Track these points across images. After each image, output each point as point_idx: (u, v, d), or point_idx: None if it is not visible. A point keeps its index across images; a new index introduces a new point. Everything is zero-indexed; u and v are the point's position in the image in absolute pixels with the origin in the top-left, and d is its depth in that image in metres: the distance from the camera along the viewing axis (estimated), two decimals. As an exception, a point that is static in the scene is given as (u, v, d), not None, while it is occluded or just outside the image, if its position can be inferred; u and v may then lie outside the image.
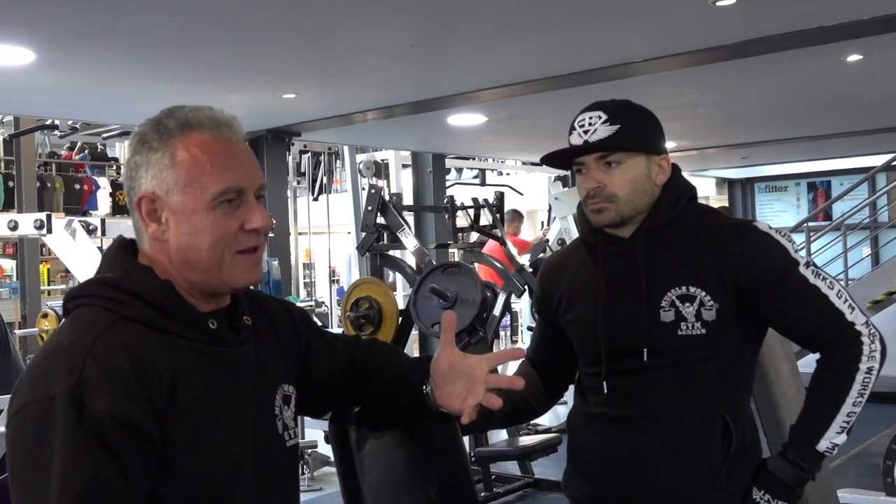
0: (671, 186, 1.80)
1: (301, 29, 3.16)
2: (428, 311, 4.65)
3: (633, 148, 1.75)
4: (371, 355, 1.54)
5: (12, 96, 4.09)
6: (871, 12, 3.10)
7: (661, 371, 1.75)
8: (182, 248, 1.24)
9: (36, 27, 2.99)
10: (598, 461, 1.85)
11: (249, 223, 1.24)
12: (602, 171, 1.76)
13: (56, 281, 11.99)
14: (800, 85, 4.52)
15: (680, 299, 1.72)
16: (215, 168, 1.22)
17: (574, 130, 1.80)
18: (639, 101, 1.83)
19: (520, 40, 3.44)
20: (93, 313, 1.21)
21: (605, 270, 1.81)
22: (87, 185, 12.39)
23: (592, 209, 1.78)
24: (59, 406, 1.10)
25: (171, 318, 1.22)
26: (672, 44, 3.53)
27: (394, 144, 6.79)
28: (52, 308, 5.68)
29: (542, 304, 2.00)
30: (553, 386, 2.05)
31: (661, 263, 1.76)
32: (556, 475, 5.66)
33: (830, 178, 10.36)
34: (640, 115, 1.81)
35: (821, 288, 1.70)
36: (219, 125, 1.25)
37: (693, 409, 1.74)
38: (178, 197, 1.23)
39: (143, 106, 4.44)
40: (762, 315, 1.74)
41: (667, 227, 1.78)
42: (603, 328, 1.79)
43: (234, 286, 1.27)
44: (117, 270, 1.27)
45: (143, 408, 1.14)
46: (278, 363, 1.38)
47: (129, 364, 1.15)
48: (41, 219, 3.51)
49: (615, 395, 1.80)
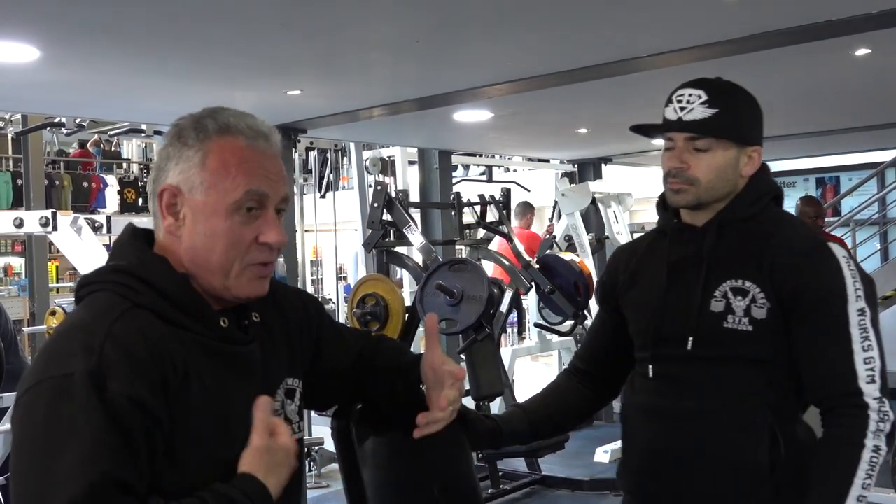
0: (756, 183, 1.77)
1: (306, 25, 3.15)
2: (434, 307, 4.64)
3: (726, 136, 1.71)
4: (377, 351, 1.54)
5: (18, 94, 4.09)
6: (880, 6, 3.07)
7: (705, 363, 1.71)
8: (194, 248, 1.25)
9: (40, 24, 2.99)
10: (644, 454, 1.83)
11: (264, 236, 1.25)
12: (689, 152, 1.72)
13: (65, 279, 12.02)
14: (807, 80, 4.49)
15: (733, 291, 1.69)
16: (241, 174, 1.23)
17: (671, 103, 1.75)
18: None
19: (525, 36, 3.43)
20: (107, 298, 1.22)
21: (671, 256, 1.79)
22: (95, 182, 12.42)
23: (672, 188, 1.75)
24: (80, 384, 1.10)
25: (183, 311, 1.23)
26: (678, 39, 3.51)
27: (400, 141, 6.77)
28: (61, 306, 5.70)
29: (606, 290, 1.96)
30: (600, 389, 2.00)
31: (723, 255, 1.73)
32: (563, 472, 5.65)
33: (839, 173, 10.32)
34: (741, 101, 1.76)
35: (853, 340, 1.60)
36: (256, 135, 1.27)
37: (737, 412, 1.69)
38: (201, 196, 1.24)
39: (148, 103, 4.46)
40: (789, 332, 1.67)
41: (742, 221, 1.75)
42: (655, 312, 1.77)
43: (237, 296, 1.27)
44: (131, 258, 1.26)
45: (156, 393, 1.14)
46: (283, 357, 1.38)
47: (146, 349, 1.15)
48: (46, 216, 3.51)
49: (659, 382, 1.78)
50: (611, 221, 7.33)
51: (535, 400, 1.99)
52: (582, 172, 7.78)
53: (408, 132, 6.06)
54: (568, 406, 1.99)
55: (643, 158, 7.83)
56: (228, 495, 1.15)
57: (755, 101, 1.78)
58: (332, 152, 9.53)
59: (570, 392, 1.99)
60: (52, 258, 10.66)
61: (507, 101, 4.65)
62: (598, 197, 7.19)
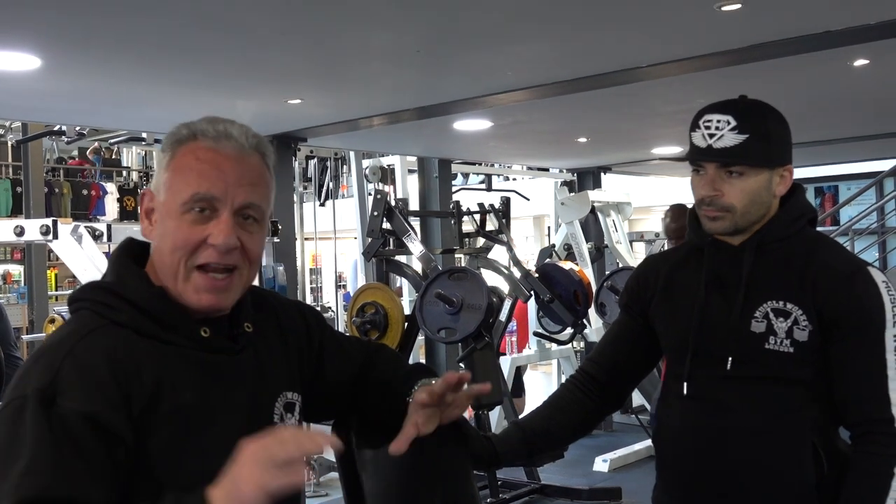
0: (793, 205, 1.75)
1: (306, 34, 3.16)
2: (434, 316, 4.64)
3: (758, 164, 1.69)
4: (375, 362, 1.53)
5: (19, 102, 4.10)
6: (878, 17, 3.08)
7: (744, 383, 1.70)
8: (156, 249, 1.27)
9: (41, 33, 3.00)
10: (683, 476, 1.81)
11: (211, 237, 1.21)
12: (722, 178, 1.70)
13: (64, 286, 12.02)
14: (806, 90, 4.50)
15: (774, 313, 1.68)
16: (193, 174, 1.23)
17: (698, 129, 1.73)
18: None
19: (525, 45, 3.44)
20: (85, 317, 1.23)
21: (708, 273, 1.77)
22: (94, 190, 12.43)
23: (708, 215, 1.73)
24: (30, 402, 1.11)
25: (161, 324, 1.23)
26: (678, 49, 3.52)
27: (400, 150, 6.79)
28: (60, 313, 5.69)
29: (633, 295, 1.94)
30: (609, 397, 1.98)
31: (763, 274, 1.72)
32: (562, 481, 5.64)
33: (838, 182, 10.32)
34: (771, 124, 1.73)
35: (888, 366, 1.61)
36: (220, 136, 1.24)
37: (778, 429, 1.68)
38: (163, 197, 1.25)
39: (149, 111, 4.47)
40: (825, 353, 1.66)
41: (779, 241, 1.73)
42: (694, 329, 1.75)
43: (189, 303, 1.24)
44: (114, 275, 1.28)
45: (117, 410, 1.14)
46: (281, 370, 1.36)
47: (107, 367, 1.15)
48: (47, 224, 3.51)
49: (695, 401, 1.76)
50: (610, 230, 7.33)
51: (533, 416, 1.97)
52: (581, 181, 7.78)
53: (408, 141, 6.07)
54: (568, 421, 1.95)
55: (642, 168, 7.83)
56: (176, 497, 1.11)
57: (783, 119, 1.76)
58: (332, 161, 9.55)
59: (570, 406, 1.95)
60: (52, 266, 10.66)
61: (507, 110, 4.66)
62: (598, 206, 7.20)
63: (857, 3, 2.97)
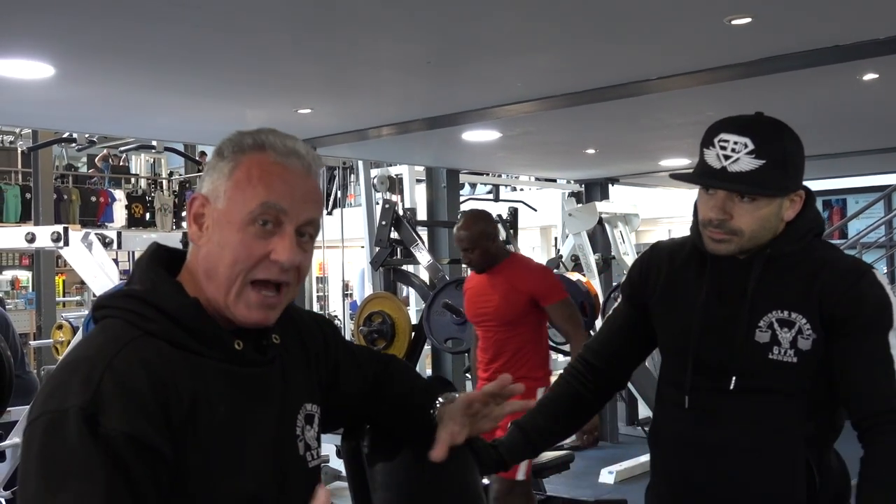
0: (802, 220, 1.73)
1: (317, 44, 3.18)
2: (441, 326, 4.65)
3: (773, 193, 1.66)
4: (389, 372, 1.54)
5: (31, 110, 4.12)
6: (888, 31, 3.09)
7: (747, 395, 1.70)
8: (208, 257, 1.23)
9: (55, 42, 3.03)
10: (676, 485, 1.81)
11: (275, 253, 1.20)
12: (732, 202, 1.65)
13: (71, 292, 12.05)
14: (815, 103, 4.50)
15: (779, 323, 1.67)
16: (261, 185, 1.21)
17: (713, 147, 1.67)
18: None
19: (534, 57, 3.45)
20: (117, 327, 1.20)
21: (711, 281, 1.75)
22: (103, 197, 12.49)
23: (713, 237, 1.69)
24: (72, 421, 1.08)
25: (195, 336, 1.20)
26: (687, 61, 3.53)
27: (408, 159, 6.80)
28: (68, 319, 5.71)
29: (636, 285, 1.91)
30: (607, 385, 1.99)
31: (768, 285, 1.70)
32: (567, 492, 5.63)
33: (846, 196, 10.32)
34: (788, 147, 1.69)
35: (895, 363, 1.62)
36: (289, 153, 1.24)
37: (773, 447, 1.69)
38: (222, 205, 1.22)
39: (160, 120, 4.49)
40: (829, 352, 1.66)
41: (786, 255, 1.72)
42: (696, 339, 1.73)
43: (235, 317, 1.23)
44: (145, 283, 1.24)
45: (159, 427, 1.12)
46: (303, 382, 1.36)
47: (148, 382, 1.12)
48: (58, 231, 3.53)
49: (695, 412, 1.75)
50: (617, 242, 7.33)
51: (533, 416, 1.97)
52: (589, 192, 7.79)
53: (416, 151, 6.08)
54: (567, 415, 1.97)
55: (650, 179, 7.84)
56: None
57: (799, 141, 1.72)
58: (340, 170, 9.57)
59: (568, 399, 1.97)
60: (60, 272, 10.69)
61: (515, 121, 4.67)
62: (605, 217, 7.20)
63: (867, 18, 2.98)
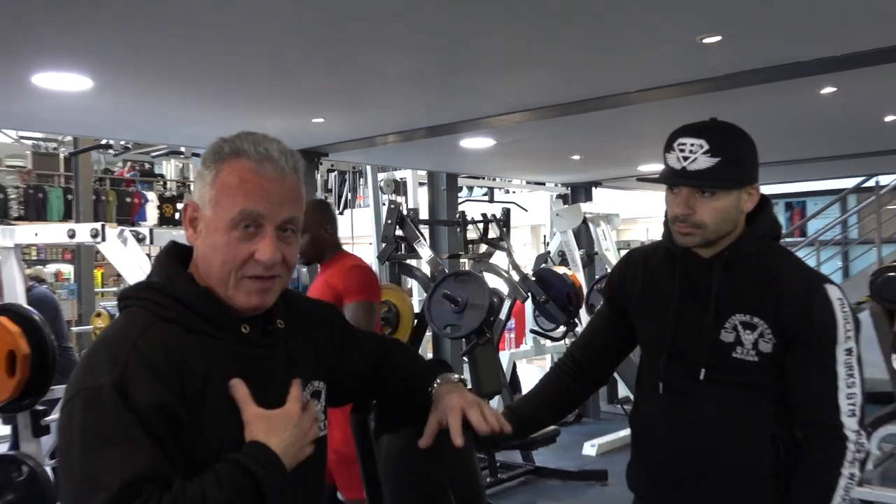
0: (760, 223, 1.75)
1: (330, 60, 3.17)
2: (441, 314, 4.65)
3: (729, 186, 1.68)
4: (390, 355, 1.54)
5: (72, 118, 4.12)
6: (844, 49, 3.09)
7: (712, 385, 1.71)
8: (203, 258, 1.27)
9: (93, 57, 3.02)
10: (655, 457, 1.82)
11: (259, 253, 1.23)
12: (695, 198, 1.69)
13: (109, 284, 12.04)
14: (778, 114, 4.50)
15: (742, 325, 1.68)
16: (240, 194, 1.22)
17: (672, 151, 1.70)
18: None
19: (525, 72, 3.45)
20: (139, 314, 1.24)
21: (680, 280, 1.77)
22: (137, 198, 12.48)
23: (680, 231, 1.72)
24: (107, 395, 1.12)
25: (207, 321, 1.23)
26: (662, 76, 3.52)
27: (411, 164, 6.79)
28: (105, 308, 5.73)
29: (615, 290, 1.93)
30: (593, 379, 2.01)
31: (731, 289, 1.71)
32: (554, 463, 5.64)
33: (805, 198, 10.31)
34: (740, 145, 1.72)
35: (839, 377, 1.63)
36: (262, 159, 1.24)
37: (740, 423, 1.71)
38: (209, 213, 1.25)
39: (189, 128, 4.48)
40: (783, 360, 1.68)
41: (745, 257, 1.73)
42: (669, 333, 1.75)
43: (236, 306, 1.26)
44: (163, 276, 1.28)
45: (176, 396, 1.16)
46: (308, 361, 1.37)
47: (165, 359, 1.17)
48: (96, 228, 3.53)
49: (669, 396, 1.78)
50: (600, 239, 7.33)
51: (526, 400, 1.99)
52: (574, 194, 7.78)
53: (419, 156, 6.08)
54: (556, 403, 1.98)
55: (629, 183, 7.83)
56: (234, 458, 1.16)
57: (750, 140, 1.75)
58: (350, 174, 9.57)
59: (558, 389, 1.98)
60: (98, 265, 10.68)
61: (508, 130, 4.67)
62: (589, 217, 7.20)
63: (825, 37, 2.98)
